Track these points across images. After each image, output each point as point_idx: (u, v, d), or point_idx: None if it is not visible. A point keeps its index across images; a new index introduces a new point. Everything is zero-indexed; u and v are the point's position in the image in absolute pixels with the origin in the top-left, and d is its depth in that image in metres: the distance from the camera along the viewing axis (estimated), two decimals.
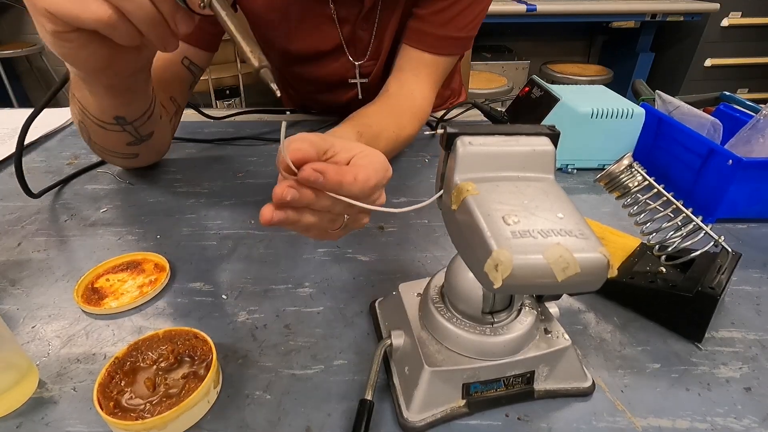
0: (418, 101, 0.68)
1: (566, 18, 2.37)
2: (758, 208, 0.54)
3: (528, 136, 0.28)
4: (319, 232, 0.34)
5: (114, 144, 0.55)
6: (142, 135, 0.54)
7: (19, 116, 0.84)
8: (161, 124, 0.57)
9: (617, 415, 0.33)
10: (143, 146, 0.56)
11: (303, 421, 0.32)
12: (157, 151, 0.64)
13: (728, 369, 0.36)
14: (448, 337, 0.32)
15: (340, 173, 0.30)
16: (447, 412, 0.32)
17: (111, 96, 0.46)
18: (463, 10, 0.67)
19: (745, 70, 2.71)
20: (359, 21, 0.69)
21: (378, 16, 0.69)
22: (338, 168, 0.30)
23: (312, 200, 0.30)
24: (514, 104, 0.71)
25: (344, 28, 0.70)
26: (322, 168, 0.29)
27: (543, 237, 0.23)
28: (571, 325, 0.40)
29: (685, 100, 0.66)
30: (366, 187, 0.31)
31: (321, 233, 0.34)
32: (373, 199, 0.33)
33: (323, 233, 0.34)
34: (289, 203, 0.29)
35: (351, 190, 0.31)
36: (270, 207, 0.30)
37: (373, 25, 0.70)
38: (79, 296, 0.42)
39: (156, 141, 0.58)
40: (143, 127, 0.52)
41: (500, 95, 2.28)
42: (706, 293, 0.36)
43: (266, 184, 0.63)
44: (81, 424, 0.32)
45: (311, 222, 0.32)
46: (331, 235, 0.35)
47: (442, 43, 0.69)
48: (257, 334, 0.39)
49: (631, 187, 0.41)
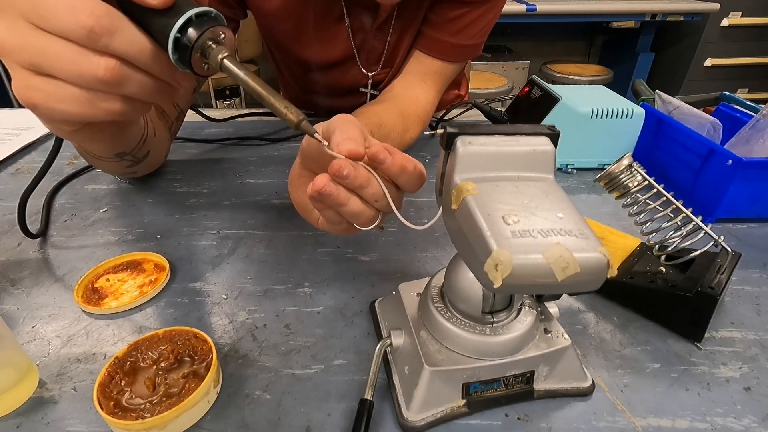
0: (422, 105, 0.68)
1: (566, 18, 2.37)
2: (758, 208, 0.54)
3: (528, 136, 0.28)
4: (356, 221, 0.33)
5: (113, 169, 0.58)
6: (140, 158, 0.54)
7: (19, 116, 0.84)
8: (156, 140, 0.56)
9: (617, 415, 0.33)
10: (141, 165, 0.56)
11: (303, 421, 0.32)
12: (155, 163, 0.63)
13: (728, 369, 0.36)
14: (448, 337, 0.32)
15: (406, 158, 0.31)
16: (447, 412, 0.32)
17: (111, 141, 0.46)
18: (476, 19, 0.67)
19: (745, 70, 2.71)
20: (373, 31, 0.69)
21: (392, 27, 0.69)
22: (405, 155, 0.31)
23: (364, 182, 0.30)
24: (514, 104, 0.71)
25: (357, 38, 0.70)
26: (391, 149, 0.30)
27: (543, 237, 0.23)
28: (571, 325, 0.40)
29: (685, 100, 0.66)
30: (421, 180, 0.32)
31: (347, 228, 0.34)
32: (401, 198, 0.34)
33: (349, 228, 0.34)
34: (345, 178, 0.29)
35: (410, 178, 0.31)
36: (325, 176, 0.30)
37: (387, 35, 0.69)
38: (79, 296, 0.42)
39: (153, 157, 0.58)
40: (140, 151, 0.52)
41: (500, 95, 2.29)
42: (705, 293, 0.36)
43: (266, 184, 0.63)
44: (81, 424, 0.32)
45: (356, 210, 0.32)
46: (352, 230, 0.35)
47: (453, 51, 0.69)
48: (257, 334, 0.39)
49: (631, 187, 0.41)
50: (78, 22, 0.25)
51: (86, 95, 0.27)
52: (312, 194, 0.30)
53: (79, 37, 0.25)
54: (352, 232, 0.35)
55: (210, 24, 0.27)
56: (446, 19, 0.67)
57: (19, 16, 0.25)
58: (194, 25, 0.27)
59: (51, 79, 0.27)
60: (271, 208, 0.57)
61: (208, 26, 0.27)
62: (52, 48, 0.25)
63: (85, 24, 0.25)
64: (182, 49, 0.27)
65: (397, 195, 0.33)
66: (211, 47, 0.27)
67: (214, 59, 0.28)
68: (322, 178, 0.30)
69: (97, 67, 0.26)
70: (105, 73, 0.26)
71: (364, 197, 0.31)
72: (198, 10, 0.27)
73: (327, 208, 0.33)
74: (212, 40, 0.27)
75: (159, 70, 0.28)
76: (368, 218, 0.33)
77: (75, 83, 0.27)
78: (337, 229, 0.35)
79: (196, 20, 0.27)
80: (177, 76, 0.30)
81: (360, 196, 0.31)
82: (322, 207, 0.33)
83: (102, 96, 0.28)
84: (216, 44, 0.28)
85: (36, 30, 0.25)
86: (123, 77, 0.27)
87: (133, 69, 0.28)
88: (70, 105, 0.27)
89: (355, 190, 0.31)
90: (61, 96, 0.27)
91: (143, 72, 0.28)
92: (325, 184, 0.30)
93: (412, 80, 0.70)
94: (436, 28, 0.68)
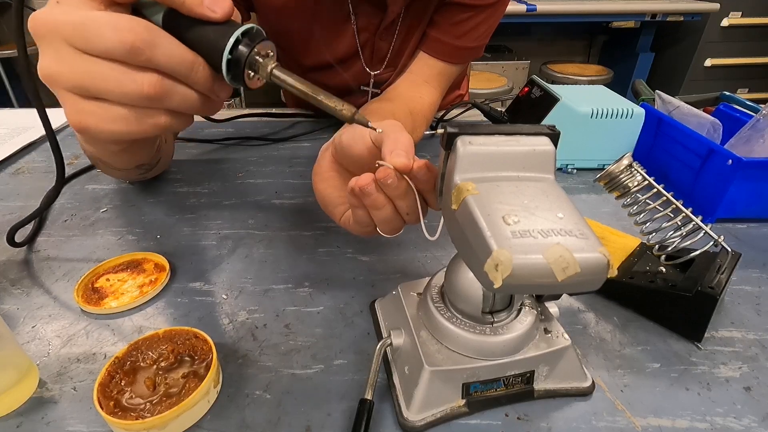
0: (427, 104, 0.69)
1: (566, 18, 2.37)
2: (758, 208, 0.54)
3: (528, 136, 0.28)
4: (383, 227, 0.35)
5: (126, 177, 0.59)
6: (153, 165, 0.55)
7: (19, 116, 0.84)
8: (166, 146, 0.58)
9: (617, 415, 0.33)
10: (152, 171, 0.58)
11: (303, 421, 0.32)
12: (163, 167, 0.64)
13: (728, 369, 0.36)
14: (447, 337, 0.32)
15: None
16: (447, 412, 0.32)
17: (140, 153, 0.48)
18: (480, 22, 0.68)
19: (745, 70, 2.71)
20: (380, 31, 0.69)
21: (399, 28, 0.69)
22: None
23: (402, 194, 0.32)
24: (514, 104, 0.71)
25: (362, 37, 0.70)
26: (431, 167, 0.32)
27: (543, 237, 0.23)
28: (571, 324, 0.40)
29: (685, 100, 0.66)
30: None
31: (371, 231, 0.36)
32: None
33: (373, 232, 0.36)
34: (389, 186, 0.31)
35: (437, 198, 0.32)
36: (370, 175, 0.32)
37: (393, 35, 0.70)
38: (79, 296, 0.42)
39: (163, 162, 0.59)
40: (155, 159, 0.54)
41: (500, 95, 2.29)
42: (705, 293, 0.36)
43: (266, 184, 0.63)
44: (81, 424, 0.32)
45: (388, 217, 0.33)
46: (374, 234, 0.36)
47: (457, 53, 0.70)
48: (257, 333, 0.39)
49: (631, 187, 0.41)
50: (120, 39, 0.25)
51: (134, 113, 0.28)
52: (354, 188, 0.32)
53: (122, 55, 0.26)
54: (373, 235, 0.36)
55: (258, 39, 0.29)
56: (452, 22, 0.67)
57: (63, 43, 0.26)
58: (243, 43, 0.28)
59: (99, 101, 0.28)
60: (271, 208, 0.57)
61: (257, 41, 0.29)
62: (98, 70, 0.26)
63: (126, 40, 0.25)
64: (234, 64, 0.29)
65: (425, 209, 0.34)
66: (260, 61, 0.29)
67: (264, 71, 0.29)
68: (366, 177, 0.31)
69: (141, 84, 0.27)
70: (149, 89, 0.27)
71: (397, 207, 0.33)
72: (245, 28, 0.28)
73: (361, 207, 0.34)
74: (260, 54, 0.29)
75: (198, 81, 0.29)
76: (396, 228, 0.35)
77: (122, 102, 0.28)
78: (361, 231, 0.36)
79: (243, 38, 0.28)
80: (215, 88, 0.31)
81: (395, 204, 0.33)
82: (357, 205, 0.34)
83: (148, 112, 0.29)
84: (263, 58, 0.29)
85: (80, 54, 0.26)
86: (166, 91, 0.28)
87: (175, 82, 0.29)
88: (120, 124, 0.29)
89: (393, 199, 0.32)
90: (110, 117, 0.28)
91: (184, 85, 0.29)
92: (368, 183, 0.31)
93: (416, 80, 0.70)
94: (441, 31, 0.68)
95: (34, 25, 0.27)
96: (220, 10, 0.28)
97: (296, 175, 0.65)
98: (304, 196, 0.60)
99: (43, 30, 0.26)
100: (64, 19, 0.26)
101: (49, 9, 0.27)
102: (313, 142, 0.76)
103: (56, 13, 0.26)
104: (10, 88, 2.59)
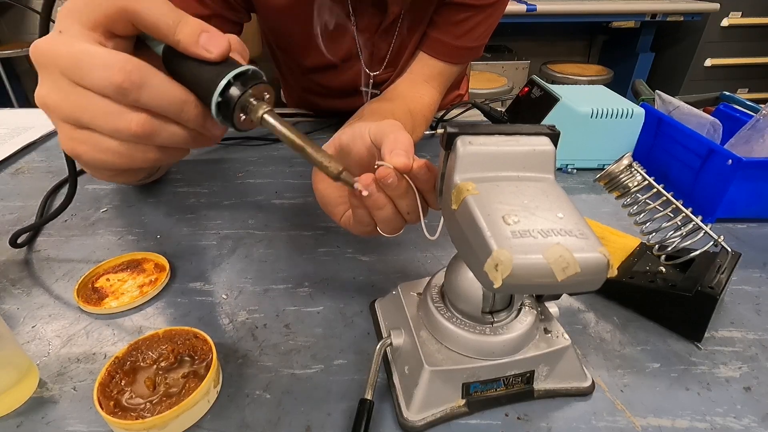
0: (427, 104, 0.69)
1: (566, 18, 2.37)
2: (758, 208, 0.54)
3: (528, 136, 0.28)
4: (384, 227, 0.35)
5: (126, 183, 0.60)
6: (152, 172, 0.55)
7: (19, 116, 0.84)
8: None
9: (617, 415, 0.33)
10: (152, 176, 0.58)
11: (303, 421, 0.32)
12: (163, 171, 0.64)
13: (728, 369, 0.36)
14: (447, 337, 0.32)
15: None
16: (447, 412, 0.32)
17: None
18: (480, 22, 0.68)
19: (745, 70, 2.71)
20: (380, 32, 0.69)
21: (399, 28, 0.69)
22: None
23: (403, 193, 0.32)
24: (514, 104, 0.72)
25: (362, 38, 0.70)
26: (431, 166, 0.32)
27: (543, 237, 0.23)
28: (571, 324, 0.40)
29: (685, 100, 0.66)
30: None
31: (371, 231, 0.36)
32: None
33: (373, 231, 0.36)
34: (389, 186, 0.31)
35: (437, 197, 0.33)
36: (371, 175, 0.32)
37: (393, 35, 0.70)
38: (79, 296, 0.42)
39: (163, 168, 0.59)
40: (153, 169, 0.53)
41: (500, 95, 2.29)
42: (705, 293, 0.36)
43: (266, 184, 0.63)
44: (81, 424, 0.32)
45: (388, 216, 0.34)
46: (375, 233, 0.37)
47: (457, 53, 0.70)
48: (257, 333, 0.39)
49: (631, 187, 0.41)
50: (109, 77, 0.25)
51: (124, 147, 0.28)
52: (360, 184, 0.32)
53: (111, 93, 0.26)
54: (373, 235, 0.37)
55: (252, 81, 0.28)
56: (451, 22, 0.67)
57: (60, 74, 0.26)
58: (236, 86, 0.27)
59: (91, 132, 0.28)
60: (271, 208, 0.57)
61: (251, 84, 0.28)
62: (90, 104, 0.27)
63: (114, 80, 0.25)
64: (224, 106, 0.28)
65: (426, 208, 0.34)
66: (252, 104, 0.28)
67: (255, 115, 0.28)
68: (367, 177, 0.31)
69: (129, 122, 0.27)
70: (137, 128, 0.27)
71: (398, 207, 0.33)
72: (239, 70, 0.27)
73: (362, 207, 0.34)
74: (254, 97, 0.28)
75: (189, 120, 0.29)
76: (396, 227, 0.35)
77: (112, 137, 0.28)
78: (362, 231, 0.36)
79: (236, 81, 0.28)
80: (208, 125, 0.31)
81: (395, 204, 0.33)
82: (358, 204, 0.34)
83: (139, 147, 0.29)
84: (257, 100, 0.28)
85: (75, 87, 0.26)
86: (155, 130, 0.28)
87: (164, 121, 0.28)
88: (110, 156, 0.29)
89: (393, 198, 0.33)
90: (101, 148, 0.28)
91: (174, 123, 0.29)
92: (370, 183, 0.31)
93: (417, 80, 0.70)
94: (440, 31, 0.68)
95: (35, 53, 0.27)
96: (216, 50, 0.27)
97: (296, 175, 0.65)
98: (304, 196, 0.60)
99: (42, 59, 0.27)
100: (62, 51, 0.26)
101: (51, 38, 0.27)
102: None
103: (57, 44, 0.26)
104: (10, 88, 2.59)
